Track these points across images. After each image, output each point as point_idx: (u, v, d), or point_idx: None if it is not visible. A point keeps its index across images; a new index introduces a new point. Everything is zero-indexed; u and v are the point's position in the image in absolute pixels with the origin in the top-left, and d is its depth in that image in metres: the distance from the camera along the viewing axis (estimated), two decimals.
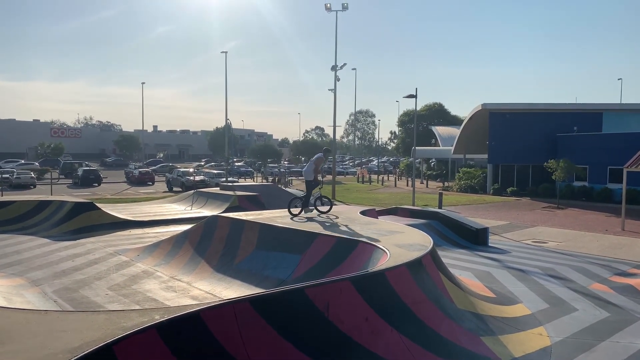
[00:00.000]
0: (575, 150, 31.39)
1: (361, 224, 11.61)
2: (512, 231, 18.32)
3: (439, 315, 6.76)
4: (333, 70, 35.46)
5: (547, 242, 16.04)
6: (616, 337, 7.35)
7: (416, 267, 7.15)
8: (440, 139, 55.16)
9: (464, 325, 6.90)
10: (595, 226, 19.94)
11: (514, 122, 34.90)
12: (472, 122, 39.41)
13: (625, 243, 15.94)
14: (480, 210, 25.18)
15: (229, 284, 9.47)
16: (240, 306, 4.91)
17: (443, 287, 7.50)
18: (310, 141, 77.70)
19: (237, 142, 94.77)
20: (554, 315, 8.34)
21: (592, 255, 13.94)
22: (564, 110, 35.33)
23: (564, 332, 7.55)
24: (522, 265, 12.32)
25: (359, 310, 5.94)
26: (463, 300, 7.67)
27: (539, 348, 6.87)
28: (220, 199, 22.24)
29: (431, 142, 60.42)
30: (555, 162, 27.73)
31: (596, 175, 30.75)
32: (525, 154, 34.21)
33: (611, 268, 12.22)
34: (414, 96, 27.24)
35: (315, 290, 5.72)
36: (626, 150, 23.33)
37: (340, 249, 9.13)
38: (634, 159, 20.73)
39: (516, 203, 29.41)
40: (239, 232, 11.31)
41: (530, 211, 25.25)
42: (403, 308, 6.37)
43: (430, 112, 71.83)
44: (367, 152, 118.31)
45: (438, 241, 14.07)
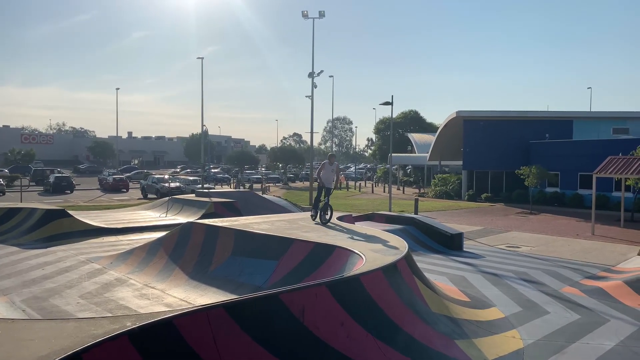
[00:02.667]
0: (547, 156, 32.13)
1: (338, 229, 11.64)
2: (486, 236, 18.59)
3: (413, 319, 6.81)
4: (310, 77, 35.61)
5: (521, 247, 16.33)
6: (586, 339, 7.51)
7: (391, 271, 7.19)
8: (416, 146, 55.81)
9: (439, 328, 6.95)
10: (566, 231, 20.39)
11: (487, 129, 35.55)
12: (447, 130, 39.98)
13: (595, 247, 16.33)
14: (455, 216, 25.50)
15: (204, 291, 9.35)
16: (214, 312, 4.85)
17: (418, 291, 7.56)
18: (288, 148, 77.50)
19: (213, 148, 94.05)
20: (527, 318, 8.48)
21: (564, 259, 14.24)
22: (536, 118, 36.15)
23: (537, 334, 7.69)
24: (496, 269, 12.51)
25: (334, 315, 5.93)
26: (438, 304, 7.74)
27: (512, 350, 6.97)
28: (196, 206, 22.01)
29: (407, 149, 61.09)
30: (527, 168, 28.31)
31: (567, 181, 31.52)
32: (499, 161, 34.85)
33: (582, 272, 12.50)
34: (390, 103, 27.51)
35: (290, 296, 5.69)
36: (596, 156, 24.03)
37: (317, 254, 9.12)
38: (602, 165, 21.31)
39: (490, 209, 29.88)
40: (214, 238, 11.20)
41: (504, 217, 25.68)
42: (378, 312, 6.39)
43: (406, 120, 72.67)
44: (344, 159, 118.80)
45: (414, 246, 14.20)
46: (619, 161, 21.35)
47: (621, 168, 20.79)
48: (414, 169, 56.00)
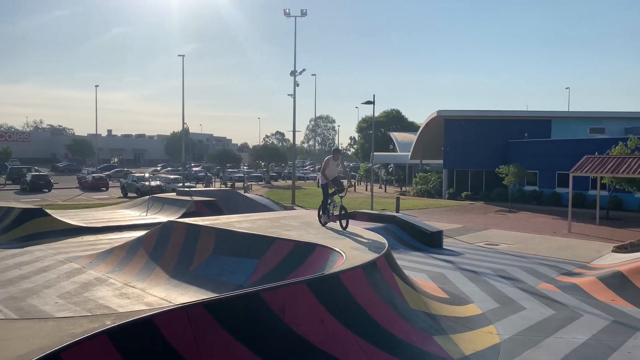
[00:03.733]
0: (526, 155, 32.65)
1: (320, 227, 11.71)
2: (465, 234, 18.86)
3: (392, 315, 6.91)
4: (292, 76, 35.59)
5: (499, 245, 16.60)
6: (560, 333, 7.71)
7: (371, 269, 7.28)
8: (398, 145, 56.21)
9: (417, 325, 7.07)
10: (544, 229, 20.79)
11: (467, 128, 35.99)
12: (428, 129, 40.35)
13: (572, 244, 16.69)
14: (435, 214, 25.78)
15: (185, 290, 9.34)
16: (194, 310, 4.88)
17: (397, 288, 7.67)
18: (270, 146, 77.31)
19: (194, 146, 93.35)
20: (504, 314, 8.66)
21: (541, 256, 14.53)
22: (516, 118, 36.70)
23: (513, 329, 7.86)
24: (475, 266, 12.71)
25: (314, 312, 6.00)
26: (416, 301, 7.86)
27: (488, 346, 7.12)
28: (177, 205, 21.87)
29: (389, 148, 61.40)
30: (506, 167, 28.74)
31: (545, 179, 32.09)
32: (479, 160, 35.30)
33: (558, 268, 12.77)
34: (371, 102, 27.68)
35: (270, 294, 5.75)
36: (573, 155, 24.50)
37: (298, 252, 9.18)
38: (578, 165, 21.77)
39: (470, 207, 30.27)
40: (195, 237, 11.17)
41: (483, 215, 26.05)
42: (358, 309, 6.48)
43: (388, 119, 73.12)
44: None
45: (394, 244, 14.35)
46: (594, 160, 21.84)
47: (596, 167, 21.27)
48: (396, 168, 56.39)
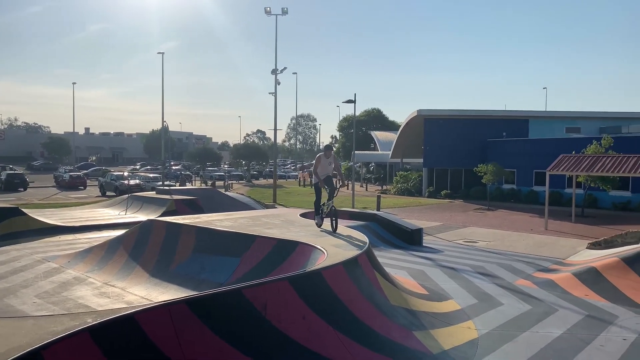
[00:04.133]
0: (504, 154, 33.16)
1: (301, 225, 11.76)
2: (445, 232, 19.11)
3: (373, 311, 7.00)
4: (273, 74, 35.54)
5: (478, 242, 16.87)
6: (536, 328, 7.91)
7: (352, 266, 7.36)
8: (379, 144, 56.56)
9: (397, 320, 7.18)
10: (521, 226, 21.18)
11: (447, 127, 36.40)
12: (408, 128, 40.69)
13: (548, 242, 17.05)
14: (415, 212, 26.04)
15: (166, 289, 9.29)
16: (177, 308, 4.89)
17: (378, 284, 7.76)
18: (251, 145, 77.01)
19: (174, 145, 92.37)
20: (482, 310, 8.83)
21: (518, 253, 14.82)
22: (494, 117, 37.22)
23: (491, 324, 8.03)
24: (454, 263, 12.91)
25: (296, 309, 6.05)
26: (397, 297, 7.97)
27: (467, 340, 7.27)
28: (156, 204, 21.67)
29: (370, 147, 61.75)
30: (484, 166, 29.16)
31: (523, 178, 32.64)
32: (458, 158, 35.74)
33: (535, 265, 13.05)
34: (352, 101, 27.79)
35: (253, 291, 5.78)
36: (550, 154, 24.99)
37: (280, 250, 9.21)
38: (555, 163, 22.22)
39: (449, 205, 30.64)
40: (175, 236, 11.11)
41: (462, 213, 26.40)
42: (339, 305, 6.55)
43: (369, 118, 73.46)
44: (308, 156, 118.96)
45: (375, 242, 14.47)
46: (570, 159, 22.32)
47: (572, 166, 21.75)
48: (377, 167, 56.71)
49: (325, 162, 10.20)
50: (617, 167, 20.53)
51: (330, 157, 10.26)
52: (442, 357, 6.56)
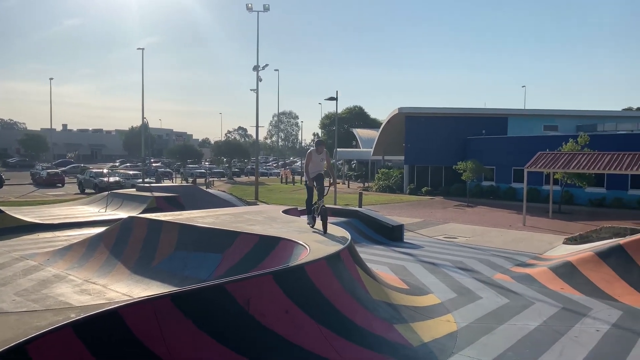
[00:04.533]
0: (483, 152, 33.66)
1: (283, 222, 11.81)
2: (425, 228, 19.36)
3: (355, 305, 7.11)
4: (255, 71, 35.44)
5: (457, 238, 17.14)
6: (514, 320, 8.11)
7: (334, 261, 7.45)
8: (361, 141, 56.83)
9: (379, 314, 7.30)
10: (500, 222, 21.56)
11: (428, 125, 36.78)
12: (389, 125, 41.00)
13: (525, 237, 17.41)
14: (397, 209, 26.29)
15: (148, 285, 9.26)
16: (160, 302, 4.91)
17: (360, 279, 7.87)
18: (232, 142, 76.45)
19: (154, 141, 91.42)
20: (461, 303, 9.01)
21: (497, 248, 15.10)
22: (474, 115, 37.73)
23: (469, 318, 8.20)
24: (434, 259, 13.11)
25: (279, 303, 6.11)
26: (378, 292, 8.09)
27: (446, 333, 7.42)
28: (137, 201, 21.48)
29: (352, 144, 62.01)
30: (464, 163, 29.58)
31: (502, 175, 33.19)
32: (439, 156, 36.16)
33: (513, 260, 13.32)
34: (334, 99, 27.91)
35: (236, 286, 5.82)
36: (528, 152, 25.47)
37: (262, 246, 9.26)
38: (532, 161, 22.67)
39: (430, 202, 31.00)
40: (157, 232, 11.07)
41: (442, 209, 26.74)
42: (322, 300, 6.64)
43: (351, 115, 73.77)
44: (290, 153, 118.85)
45: (357, 238, 14.60)
46: (547, 156, 22.79)
47: (549, 163, 22.21)
48: (359, 164, 57.02)
49: (317, 159, 9.59)
50: (593, 164, 21.03)
51: (322, 153, 9.63)
52: (422, 349, 6.70)
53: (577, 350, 6.88)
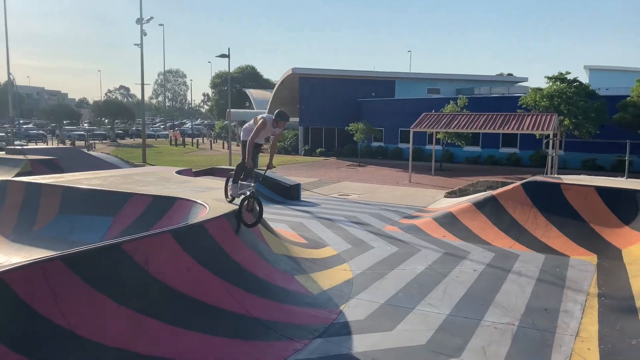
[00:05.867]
0: (373, 113, 35.00)
1: (178, 182, 11.44)
2: (321, 187, 19.91)
3: (257, 260, 7.20)
4: (139, 24, 33.03)
5: (351, 195, 17.88)
6: (403, 265, 8.77)
7: (235, 217, 7.42)
8: (255, 102, 56.05)
9: (280, 267, 7.48)
10: (389, 180, 22.81)
11: (321, 87, 37.24)
12: (283, 86, 40.84)
13: (412, 192, 18.65)
14: (293, 170, 26.64)
15: (29, 253, 8.52)
16: (51, 265, 4.58)
17: (260, 235, 7.95)
18: (114, 101, 71.09)
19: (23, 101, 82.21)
20: (356, 254, 9.53)
21: (386, 203, 16.03)
22: (364, 78, 38.85)
23: (363, 265, 8.72)
24: (330, 215, 13.60)
25: (180, 261, 6.00)
26: (279, 246, 8.26)
27: (343, 280, 7.84)
28: (8, 164, 19.36)
29: (246, 105, 60.98)
30: (355, 125, 30.59)
31: (390, 136, 34.89)
32: (332, 117, 36.93)
33: (400, 213, 14.25)
34: (226, 56, 27.07)
35: (133, 245, 5.59)
36: (413, 114, 26.94)
37: (157, 207, 8.92)
38: (417, 121, 24.08)
39: (324, 162, 31.80)
40: (36, 196, 10.14)
41: (336, 169, 27.61)
42: (224, 256, 6.63)
43: (244, 75, 72.16)
44: (179, 115, 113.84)
45: None
46: (431, 117, 24.35)
47: (432, 123, 23.77)
48: None
49: (269, 132, 7.41)
50: (470, 124, 22.90)
51: (279, 129, 7.49)
52: (322, 296, 7.03)
53: (458, 288, 7.67)
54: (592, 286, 7.82)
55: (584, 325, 6.30)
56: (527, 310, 6.80)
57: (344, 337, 5.91)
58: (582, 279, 8.17)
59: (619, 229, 9.99)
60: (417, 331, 6.09)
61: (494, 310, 6.79)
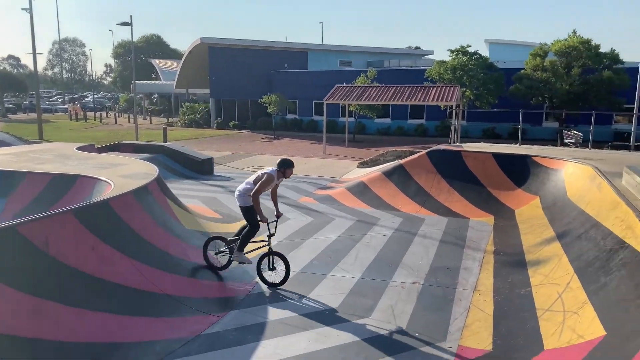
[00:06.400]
0: (287, 85, 34.81)
1: (79, 159, 10.76)
2: (235, 160, 19.64)
3: (168, 236, 7.02)
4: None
5: (266, 168, 17.79)
6: (317, 235, 8.98)
7: (142, 194, 7.16)
8: (162, 73, 53.49)
9: (193, 242, 7.35)
10: (304, 152, 23.00)
11: (232, 57, 36.28)
12: (192, 56, 39.31)
13: (326, 164, 18.97)
14: (205, 143, 25.99)
15: None
16: None
17: (171, 211, 7.74)
18: (2, 72, 64.55)
19: None
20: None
21: (302, 175, 16.16)
22: (276, 49, 38.33)
23: (280, 237, 8.76)
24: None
25: (84, 241, 5.69)
26: (191, 222, 8.10)
27: (260, 253, 7.86)
28: None
29: (152, 77, 58.08)
30: (269, 97, 30.31)
31: (304, 108, 34.98)
32: (245, 89, 36.25)
33: (315, 184, 14.47)
34: (128, 24, 25.47)
35: (29, 227, 5.20)
36: (326, 86, 27.15)
37: (56, 186, 8.37)
38: (330, 94, 24.34)
39: (238, 136, 31.31)
40: None
41: (251, 142, 27.32)
42: (131, 234, 6.38)
43: (149, 44, 68.47)
44: (79, 87, 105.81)
45: (165, 174, 14.05)
46: (343, 90, 24.70)
47: (345, 95, 24.15)
48: (161, 98, 53.94)
49: (273, 184, 6.94)
50: (380, 96, 23.56)
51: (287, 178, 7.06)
52: (237, 269, 7.03)
53: (369, 252, 8.01)
54: (489, 244, 8.51)
55: (481, 280, 6.86)
56: (431, 269, 7.28)
57: (259, 307, 5.99)
58: (480, 238, 8.86)
59: (512, 191, 10.89)
60: (331, 295, 6.31)
61: (401, 271, 7.20)
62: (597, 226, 6.71)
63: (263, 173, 6.74)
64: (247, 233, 6.73)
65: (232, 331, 5.35)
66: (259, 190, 6.53)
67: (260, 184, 6.54)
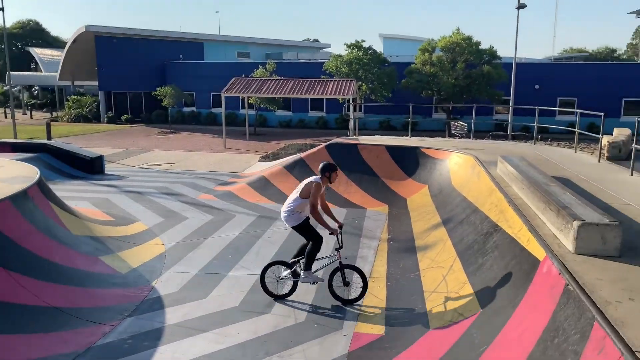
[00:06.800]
0: (182, 77, 33.61)
1: None
2: (128, 157, 18.67)
3: (52, 244, 6.53)
4: None
5: (162, 164, 17.16)
6: (217, 233, 8.86)
7: (21, 200, 6.59)
8: (42, 64, 49.09)
9: (82, 249, 6.92)
10: (203, 146, 22.45)
11: (122, 47, 34.24)
12: (77, 46, 36.43)
13: (227, 158, 18.69)
14: (95, 140, 24.39)
15: None
16: None
17: (55, 216, 7.21)
18: None
19: None
20: (168, 226, 9.29)
21: (201, 171, 15.82)
22: (170, 39, 36.75)
23: (177, 238, 8.57)
24: (139, 187, 12.91)
25: None
26: (80, 227, 7.61)
27: (155, 255, 7.61)
28: None
29: (31, 67, 53.17)
30: (164, 89, 29.11)
31: (202, 100, 34.04)
32: (137, 81, 34.45)
33: (215, 180, 14.22)
34: (0, 8, 23.02)
35: None
36: (224, 78, 26.60)
37: None
38: (228, 86, 23.94)
39: (131, 130, 29.76)
40: None
41: (145, 137, 26.09)
42: (9, 244, 5.85)
43: (26, 31, 62.53)
44: None
45: (49, 175, 13.08)
46: (241, 82, 24.41)
47: (243, 88, 23.89)
48: (42, 90, 49.49)
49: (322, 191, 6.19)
50: (279, 89, 23.61)
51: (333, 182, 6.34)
52: (132, 275, 6.75)
53: (270, 248, 8.07)
54: (384, 232, 8.97)
55: (375, 267, 7.23)
56: None
57: (156, 312, 5.81)
58: (375, 227, 9.30)
59: (404, 181, 11.55)
60: (230, 295, 6.29)
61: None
62: (476, 212, 7.35)
63: (309, 183, 6.04)
64: (311, 249, 6.11)
65: (126, 340, 5.15)
66: (315, 204, 5.93)
67: (313, 198, 5.93)
